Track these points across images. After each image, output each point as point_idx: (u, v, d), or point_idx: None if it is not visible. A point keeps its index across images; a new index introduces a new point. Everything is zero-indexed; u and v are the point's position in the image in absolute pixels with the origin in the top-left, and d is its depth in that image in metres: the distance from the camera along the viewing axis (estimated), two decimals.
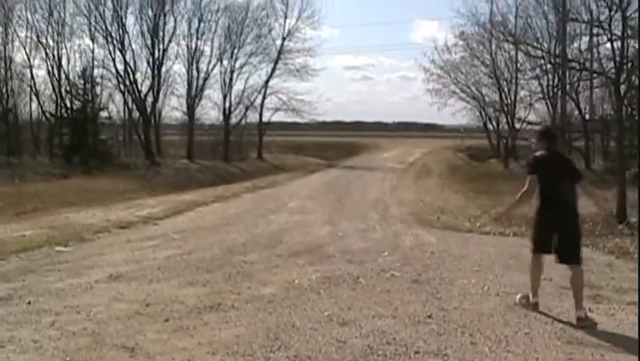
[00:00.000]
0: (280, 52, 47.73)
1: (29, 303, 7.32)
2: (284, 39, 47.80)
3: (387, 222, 15.11)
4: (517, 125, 40.13)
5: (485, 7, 48.08)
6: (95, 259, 10.13)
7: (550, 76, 32.60)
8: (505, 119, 41.77)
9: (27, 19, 40.75)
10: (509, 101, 40.17)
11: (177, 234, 12.95)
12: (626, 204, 15.44)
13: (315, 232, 13.47)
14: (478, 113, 44.65)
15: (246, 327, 6.51)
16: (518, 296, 7.55)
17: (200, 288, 8.20)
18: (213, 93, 46.60)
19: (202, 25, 44.88)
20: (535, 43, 28.78)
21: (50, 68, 40.78)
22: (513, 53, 37.18)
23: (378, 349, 5.84)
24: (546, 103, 36.28)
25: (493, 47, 38.41)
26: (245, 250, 11.08)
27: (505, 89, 40.07)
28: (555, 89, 33.10)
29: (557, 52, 24.90)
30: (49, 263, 9.84)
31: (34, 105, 42.37)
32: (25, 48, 40.72)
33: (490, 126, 44.99)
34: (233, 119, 47.93)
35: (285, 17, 47.93)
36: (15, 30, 40.38)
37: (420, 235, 13.21)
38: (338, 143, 66.55)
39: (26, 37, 40.79)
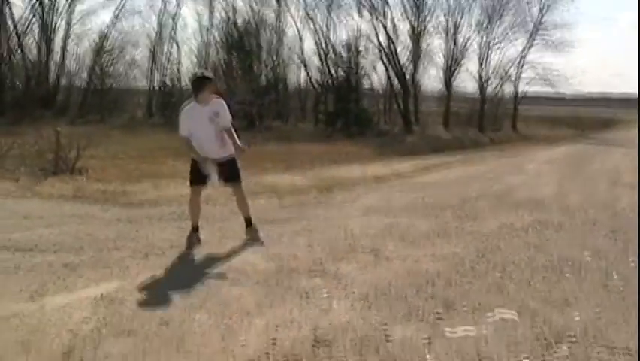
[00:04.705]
0: (537, 25, 48.54)
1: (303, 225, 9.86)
2: (541, 12, 48.54)
3: (613, 187, 16.25)
4: None
5: None
6: (353, 199, 12.72)
7: None
8: None
9: None
10: None
11: (422, 186, 15.28)
12: None
13: (541, 189, 15.06)
14: None
15: (462, 247, 8.58)
16: None
17: (432, 222, 10.35)
18: (471, 65, 48.24)
19: (462, 0, 46.84)
20: None
21: (318, 40, 44.43)
22: None
23: (558, 265, 7.62)
24: None
25: None
26: (476, 199, 13.07)
27: None
28: None
29: None
30: (318, 202, 12.47)
31: (302, 74, 46.29)
32: (295, 22, 44.59)
33: None
34: (490, 91, 49.55)
35: None
36: (287, 4, 44.32)
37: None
38: (596, 117, 65.92)
39: (297, 11, 44.66)
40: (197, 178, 8.57)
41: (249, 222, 8.87)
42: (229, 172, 8.62)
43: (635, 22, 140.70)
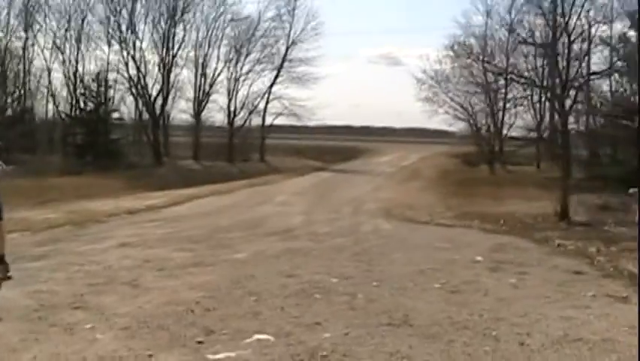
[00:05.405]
0: (284, 60, 50.33)
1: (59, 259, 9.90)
2: (288, 48, 50.40)
3: (356, 215, 17.52)
4: (505, 132, 42.83)
5: (480, 20, 50.03)
6: (108, 233, 12.80)
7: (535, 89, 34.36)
8: (492, 127, 44.12)
9: (47, 25, 43.58)
10: (496, 108, 42.54)
11: (175, 218, 15.61)
12: (567, 205, 17.82)
13: (291, 219, 15.92)
14: (468, 121, 46.77)
15: (217, 276, 9.01)
16: None
17: (188, 253, 10.74)
18: (219, 97, 49.01)
19: (210, 34, 47.73)
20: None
21: (67, 72, 43.60)
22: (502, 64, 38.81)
23: (309, 290, 8.25)
24: (533, 112, 39.32)
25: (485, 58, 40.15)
26: (229, 230, 13.62)
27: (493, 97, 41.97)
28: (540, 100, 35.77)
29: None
30: (73, 236, 12.48)
31: (50, 106, 45.12)
32: (43, 52, 43.48)
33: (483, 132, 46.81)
34: (238, 123, 50.69)
35: (291, 28, 50.48)
36: (35, 35, 43.15)
37: (380, 224, 15.58)
38: (339, 147, 68.51)
39: (45, 42, 43.59)
40: None
41: (1, 260, 8.75)
42: None
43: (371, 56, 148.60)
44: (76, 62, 43.62)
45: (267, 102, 50.89)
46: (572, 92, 20.16)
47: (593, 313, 7.19)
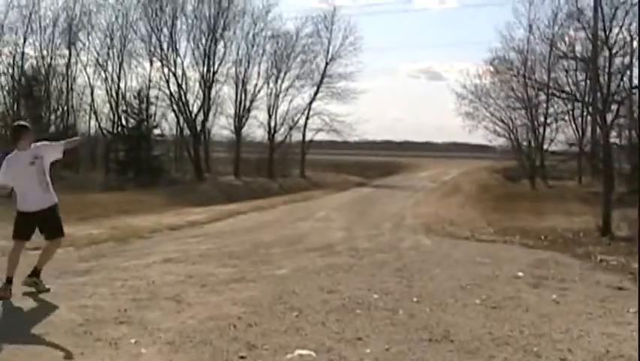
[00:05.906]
0: (323, 76, 50.60)
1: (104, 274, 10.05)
2: (327, 64, 50.69)
3: (397, 230, 17.53)
4: (546, 147, 42.63)
5: (521, 33, 49.97)
6: (151, 249, 12.95)
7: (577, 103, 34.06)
8: (533, 142, 43.90)
9: (90, 43, 44.28)
10: (537, 123, 42.37)
11: (217, 234, 15.75)
12: (610, 220, 17.71)
13: (331, 235, 16.00)
14: (509, 136, 46.55)
15: (259, 291, 9.07)
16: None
17: (230, 268, 10.82)
18: (260, 113, 49.35)
19: (250, 50, 48.15)
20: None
21: (109, 89, 44.24)
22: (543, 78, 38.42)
23: (350, 306, 8.30)
24: (574, 127, 39.11)
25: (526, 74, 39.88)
26: (270, 246, 13.70)
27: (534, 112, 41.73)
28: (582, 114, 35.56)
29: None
30: (116, 252, 12.63)
31: (93, 123, 45.79)
32: (86, 70, 44.16)
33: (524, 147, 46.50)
34: (278, 138, 51.01)
35: (329, 44, 50.80)
36: (78, 53, 43.84)
37: (420, 239, 15.59)
38: (380, 162, 68.69)
39: (88, 59, 44.27)
40: (22, 232, 8.65)
41: (38, 273, 8.84)
42: (51, 225, 8.79)
43: (411, 71, 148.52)
44: (119, 79, 44.36)
45: (307, 118, 51.29)
46: (614, 106, 20.02)
47: (635, 330, 7.16)
